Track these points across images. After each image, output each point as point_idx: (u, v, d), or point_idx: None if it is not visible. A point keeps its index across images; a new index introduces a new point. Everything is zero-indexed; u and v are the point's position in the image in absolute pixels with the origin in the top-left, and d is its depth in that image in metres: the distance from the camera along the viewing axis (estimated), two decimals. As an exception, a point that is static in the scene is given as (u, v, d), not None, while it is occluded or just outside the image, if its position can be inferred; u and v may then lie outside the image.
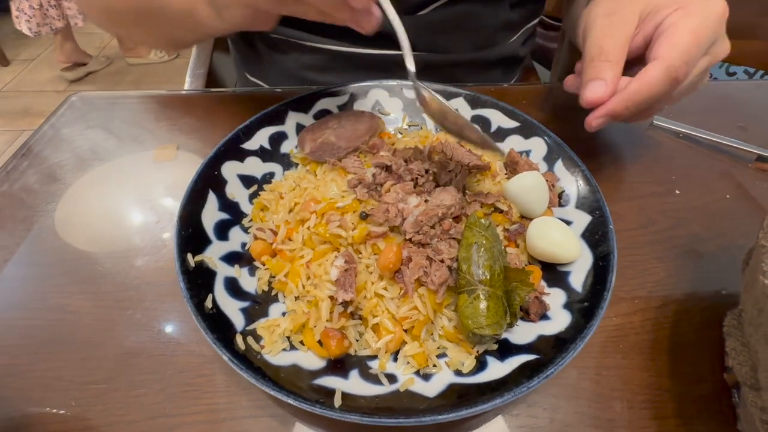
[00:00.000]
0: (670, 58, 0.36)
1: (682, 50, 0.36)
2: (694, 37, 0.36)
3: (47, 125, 0.58)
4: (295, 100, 0.50)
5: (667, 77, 0.36)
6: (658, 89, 0.36)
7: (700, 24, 0.36)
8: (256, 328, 0.34)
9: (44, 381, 0.35)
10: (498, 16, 0.64)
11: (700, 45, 0.36)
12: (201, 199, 0.40)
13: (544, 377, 0.28)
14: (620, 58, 0.38)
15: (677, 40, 0.36)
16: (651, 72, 0.36)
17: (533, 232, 0.37)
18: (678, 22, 0.37)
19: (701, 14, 0.37)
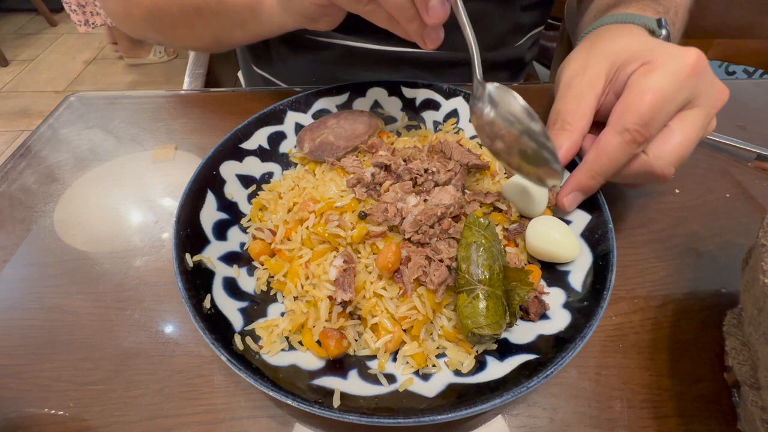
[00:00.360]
0: (623, 122, 0.34)
1: (636, 112, 0.33)
2: (651, 96, 0.33)
3: (45, 125, 0.58)
4: (294, 99, 0.50)
5: (622, 141, 0.34)
6: (617, 154, 0.35)
7: (662, 80, 0.34)
8: (254, 329, 0.33)
9: (42, 381, 0.35)
10: (508, 18, 0.65)
11: (660, 104, 0.33)
12: (199, 199, 0.40)
13: (544, 377, 0.28)
14: (576, 124, 0.37)
15: (631, 102, 0.34)
16: (604, 138, 0.35)
17: (532, 232, 0.37)
18: (638, 81, 0.35)
19: (667, 68, 0.34)
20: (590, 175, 0.36)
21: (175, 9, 0.52)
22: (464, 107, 0.51)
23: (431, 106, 0.52)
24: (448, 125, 0.51)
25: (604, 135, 0.35)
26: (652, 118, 0.33)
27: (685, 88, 0.34)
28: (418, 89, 0.52)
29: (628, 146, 0.34)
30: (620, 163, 0.35)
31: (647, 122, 0.33)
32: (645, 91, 0.34)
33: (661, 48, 0.36)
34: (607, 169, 0.36)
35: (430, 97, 0.52)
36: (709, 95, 0.35)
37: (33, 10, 2.83)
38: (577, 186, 0.37)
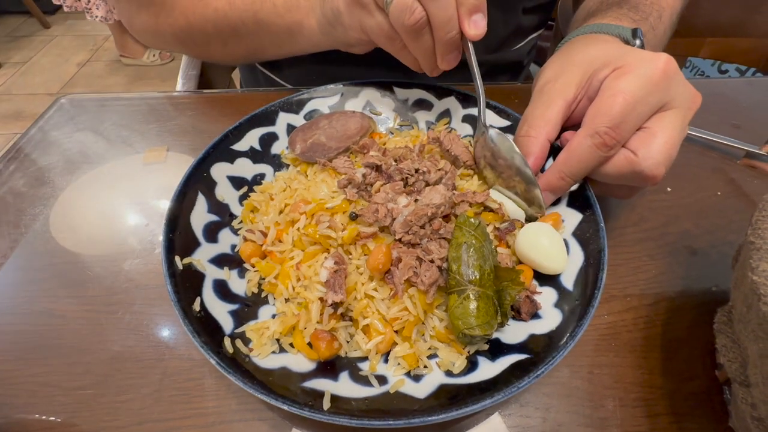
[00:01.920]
0: (593, 125, 0.34)
1: (607, 115, 0.34)
2: (622, 98, 0.33)
3: (35, 128, 0.57)
4: (286, 100, 0.50)
5: (593, 144, 0.34)
6: (587, 157, 0.35)
7: (633, 83, 0.34)
8: (245, 331, 0.33)
9: (31, 387, 0.34)
10: (510, 21, 0.66)
11: (630, 107, 0.33)
12: (190, 201, 0.40)
13: (535, 377, 0.28)
14: (542, 131, 0.38)
15: (602, 104, 0.34)
16: (575, 140, 0.35)
17: (522, 237, 0.37)
18: (609, 85, 0.35)
19: (637, 72, 0.34)
20: (559, 176, 0.37)
21: (210, 28, 0.54)
22: (456, 107, 0.51)
23: (424, 106, 0.52)
24: (441, 125, 0.51)
25: (575, 137, 0.36)
26: (623, 121, 0.34)
27: (657, 91, 0.34)
28: (411, 89, 0.52)
29: (598, 149, 0.34)
30: (590, 165, 0.36)
31: (617, 125, 0.34)
32: (616, 94, 0.34)
33: (632, 54, 0.37)
34: (576, 171, 0.36)
35: (422, 97, 0.52)
36: (684, 98, 0.36)
37: (26, 13, 2.82)
38: (547, 186, 0.38)
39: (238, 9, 0.51)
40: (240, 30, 0.53)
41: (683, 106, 0.35)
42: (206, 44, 0.57)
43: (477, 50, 0.74)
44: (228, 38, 0.54)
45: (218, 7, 0.52)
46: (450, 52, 0.40)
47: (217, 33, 0.54)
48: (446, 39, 0.38)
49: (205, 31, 0.54)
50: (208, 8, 0.52)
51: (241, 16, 0.51)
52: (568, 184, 0.37)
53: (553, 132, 0.38)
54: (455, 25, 0.37)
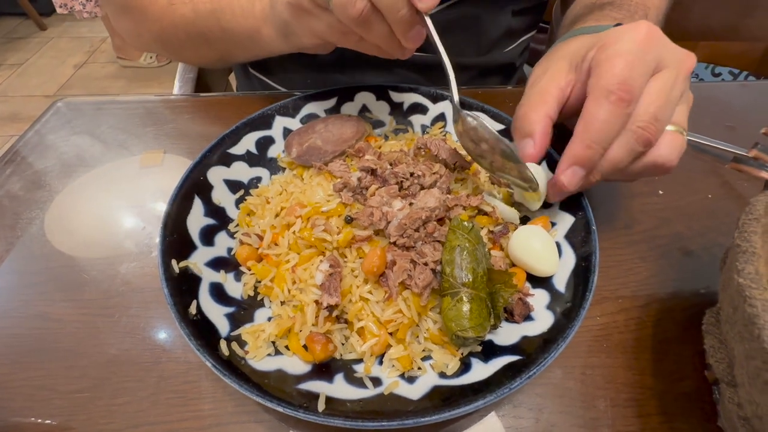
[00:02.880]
0: (602, 86, 0.33)
1: (612, 74, 0.33)
2: (621, 59, 0.33)
3: (32, 131, 0.57)
4: (283, 104, 0.50)
5: (609, 103, 0.33)
6: (608, 118, 0.33)
7: (622, 47, 0.34)
8: (241, 334, 0.34)
9: (27, 390, 0.34)
10: (500, 22, 0.66)
11: (632, 64, 0.33)
12: (186, 204, 0.40)
13: (527, 378, 0.28)
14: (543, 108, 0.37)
15: (604, 69, 0.34)
16: (589, 106, 0.34)
17: (515, 240, 0.37)
18: (600, 56, 0.35)
19: (621, 41, 0.34)
20: (585, 145, 0.34)
21: (181, 34, 0.54)
22: (451, 111, 0.52)
23: (419, 110, 0.53)
24: (436, 129, 0.52)
25: (587, 104, 0.34)
26: (629, 76, 0.33)
27: (648, 51, 0.34)
28: (406, 93, 0.53)
29: (616, 106, 0.33)
30: (613, 128, 0.34)
31: (626, 80, 0.33)
32: (611, 57, 0.34)
33: (611, 31, 0.37)
34: (601, 135, 0.34)
35: (417, 101, 0.53)
36: (676, 58, 0.35)
37: (22, 14, 2.81)
38: (573, 158, 0.35)
39: (203, 16, 0.51)
40: (208, 36, 0.53)
41: (675, 65, 0.35)
42: (181, 49, 0.58)
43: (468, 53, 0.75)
44: (199, 44, 0.55)
45: (185, 13, 0.52)
46: (408, 30, 0.37)
47: (188, 38, 0.54)
48: (398, 19, 0.36)
49: (177, 37, 0.55)
50: (176, 15, 0.53)
51: (206, 22, 0.52)
52: (596, 152, 0.34)
53: (552, 110, 0.37)
54: (403, 2, 0.35)
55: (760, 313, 0.24)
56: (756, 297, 0.25)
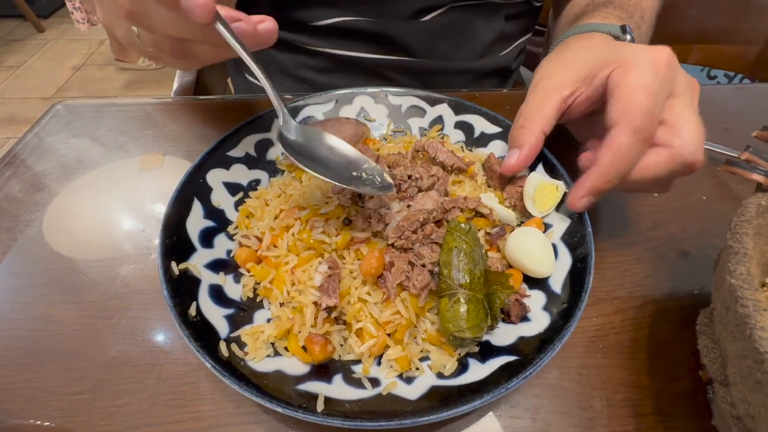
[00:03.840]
0: (632, 120, 0.34)
1: (639, 110, 0.34)
2: (645, 93, 0.34)
3: (31, 134, 0.58)
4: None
5: (635, 141, 0.34)
6: (631, 155, 0.35)
7: (645, 77, 0.35)
8: (240, 335, 0.34)
9: (26, 392, 0.35)
10: (494, 27, 0.67)
11: (655, 99, 0.34)
12: (186, 207, 0.40)
13: (523, 378, 0.29)
14: (537, 124, 0.39)
15: (628, 102, 0.34)
16: (616, 140, 0.34)
17: (512, 241, 0.37)
18: (621, 82, 0.35)
19: (641, 67, 0.35)
20: (606, 180, 0.35)
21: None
22: (449, 114, 0.52)
23: (416, 112, 0.53)
24: (433, 131, 0.52)
25: (615, 138, 0.35)
26: (652, 114, 0.34)
27: (667, 81, 0.35)
28: (404, 96, 0.53)
29: (641, 145, 0.34)
30: (633, 163, 0.35)
31: (653, 117, 0.34)
32: (635, 90, 0.34)
33: (629, 48, 0.38)
34: (622, 171, 0.35)
35: (415, 104, 0.53)
36: (685, 85, 0.37)
37: (20, 16, 2.81)
38: (592, 190, 0.36)
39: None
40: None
41: (687, 92, 0.36)
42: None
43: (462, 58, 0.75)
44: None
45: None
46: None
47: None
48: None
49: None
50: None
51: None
52: (612, 186, 0.36)
53: (547, 125, 0.39)
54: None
55: (751, 313, 0.24)
56: (747, 297, 0.25)
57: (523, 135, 0.39)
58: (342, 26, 0.62)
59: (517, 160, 0.40)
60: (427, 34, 0.63)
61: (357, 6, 0.60)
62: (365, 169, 0.37)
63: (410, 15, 0.61)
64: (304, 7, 0.61)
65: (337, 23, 0.61)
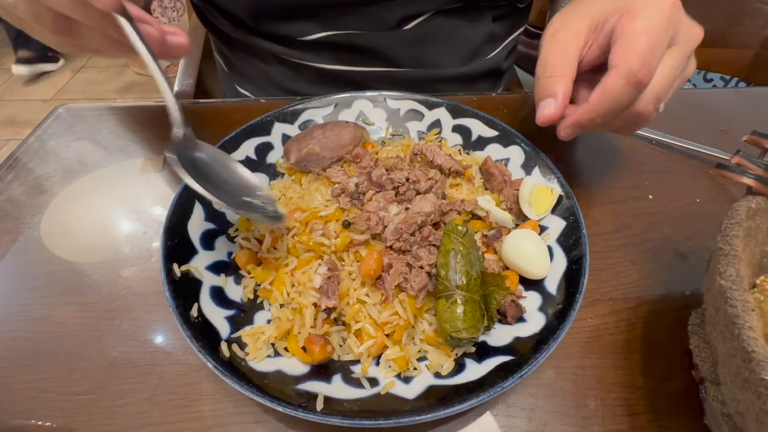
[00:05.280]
0: (627, 64, 0.35)
1: (637, 53, 0.34)
2: (646, 36, 0.35)
3: (33, 137, 0.58)
4: (281, 111, 0.51)
5: (627, 83, 0.35)
6: (620, 97, 0.36)
7: (649, 22, 0.35)
8: (241, 336, 0.34)
9: (29, 393, 0.35)
10: (480, 29, 0.66)
11: (655, 43, 0.35)
12: (187, 209, 0.41)
13: (519, 377, 0.29)
14: (566, 71, 0.39)
15: (629, 44, 0.35)
16: (609, 80, 0.36)
17: (508, 243, 0.38)
18: (626, 27, 0.36)
19: (648, 12, 0.35)
20: (591, 116, 0.37)
21: None
22: (446, 117, 0.53)
23: (415, 116, 0.54)
24: (431, 135, 0.53)
25: (609, 78, 0.36)
26: (651, 57, 0.35)
27: (670, 27, 0.35)
28: (402, 100, 0.54)
29: (633, 88, 0.35)
30: (622, 105, 0.36)
31: (647, 61, 0.34)
32: (639, 33, 0.35)
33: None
34: (609, 111, 0.36)
35: (413, 107, 0.54)
36: (687, 33, 0.37)
37: (20, 19, 2.81)
38: (576, 123, 0.38)
39: None
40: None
41: (684, 42, 0.37)
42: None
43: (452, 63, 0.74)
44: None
45: None
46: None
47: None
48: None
49: None
50: None
51: None
52: (596, 123, 0.38)
53: (572, 74, 0.39)
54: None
55: (740, 313, 0.25)
56: (737, 298, 0.26)
57: (555, 84, 0.38)
58: (328, 41, 0.62)
59: (556, 109, 0.38)
60: (412, 43, 0.63)
61: (339, 18, 0.60)
62: (259, 196, 0.36)
63: (394, 24, 0.61)
64: (286, 21, 0.61)
65: (322, 38, 0.62)
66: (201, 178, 0.32)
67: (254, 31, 0.64)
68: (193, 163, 0.34)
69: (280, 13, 0.60)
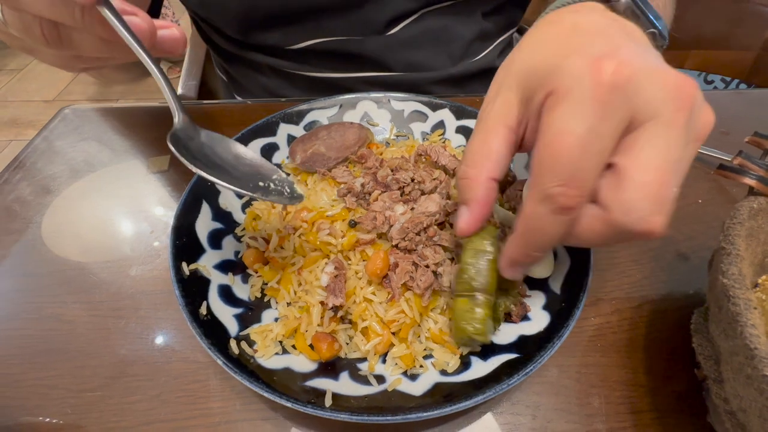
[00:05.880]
0: (541, 187, 0.24)
1: (553, 169, 0.24)
2: (566, 141, 0.23)
3: (40, 138, 0.59)
4: (287, 112, 0.52)
5: (549, 211, 0.25)
6: (549, 227, 0.26)
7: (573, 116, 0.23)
8: (249, 334, 0.35)
9: (40, 390, 0.35)
10: (470, 27, 0.65)
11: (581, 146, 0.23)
12: (195, 209, 0.41)
13: (524, 374, 0.30)
14: (485, 167, 0.28)
15: (544, 155, 0.24)
16: (528, 209, 0.26)
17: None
18: (546, 124, 0.25)
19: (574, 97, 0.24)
20: (524, 252, 0.28)
21: None
22: (450, 118, 0.54)
23: (419, 117, 0.55)
24: (435, 136, 0.53)
25: (526, 204, 0.26)
26: (577, 169, 0.23)
27: (609, 111, 0.23)
28: (406, 102, 0.55)
29: (558, 215, 0.25)
30: (556, 234, 0.26)
31: (571, 177, 0.24)
32: (557, 136, 0.24)
33: (570, 61, 0.25)
34: (542, 243, 0.27)
35: (417, 108, 0.54)
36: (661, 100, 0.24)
37: (22, 20, 2.82)
38: (513, 263, 0.30)
39: None
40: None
41: (664, 110, 0.23)
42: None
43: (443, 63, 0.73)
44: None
45: None
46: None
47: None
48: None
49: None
50: None
51: None
52: (536, 258, 0.28)
53: (496, 168, 0.29)
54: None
55: (742, 311, 0.26)
56: (739, 296, 0.26)
57: (467, 188, 0.29)
58: (316, 48, 0.62)
59: (466, 222, 0.30)
60: (401, 46, 0.63)
61: (325, 24, 0.60)
62: (274, 179, 0.34)
63: (382, 27, 0.61)
64: (272, 31, 0.61)
65: (310, 46, 0.62)
66: (209, 166, 0.32)
67: (244, 44, 0.65)
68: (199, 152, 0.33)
69: (266, 23, 0.60)
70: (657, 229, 0.25)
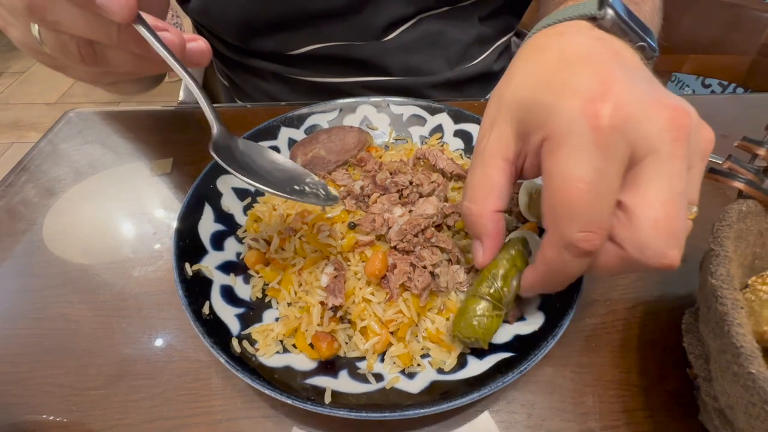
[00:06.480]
0: (563, 234, 0.25)
1: (574, 217, 0.24)
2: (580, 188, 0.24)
3: (44, 141, 0.60)
4: (288, 116, 0.53)
5: (573, 256, 0.26)
6: (572, 267, 0.27)
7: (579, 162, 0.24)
8: (251, 333, 0.36)
9: (44, 388, 0.36)
10: (467, 32, 0.66)
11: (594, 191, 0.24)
12: (197, 211, 0.42)
13: (518, 372, 0.30)
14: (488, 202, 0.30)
15: (559, 202, 0.25)
16: (549, 254, 0.27)
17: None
18: (552, 171, 0.25)
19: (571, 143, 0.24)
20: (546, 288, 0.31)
21: None
22: (448, 123, 0.55)
23: (417, 121, 0.56)
24: (433, 139, 0.54)
25: (547, 249, 0.27)
26: (593, 213, 0.24)
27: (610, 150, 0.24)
28: (405, 106, 0.56)
29: (581, 258, 0.26)
30: (578, 273, 0.28)
31: (589, 222, 0.24)
32: (566, 182, 0.24)
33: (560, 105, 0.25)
34: (565, 281, 0.29)
35: (416, 113, 0.55)
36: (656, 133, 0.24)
37: (25, 23, 2.84)
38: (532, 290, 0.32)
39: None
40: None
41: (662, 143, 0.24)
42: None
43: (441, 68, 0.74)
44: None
45: None
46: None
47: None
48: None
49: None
50: None
51: None
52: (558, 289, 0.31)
53: (499, 201, 0.30)
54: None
55: (729, 311, 0.26)
56: (726, 296, 0.27)
57: (475, 224, 0.31)
58: (316, 54, 0.63)
59: (483, 257, 0.32)
60: (400, 50, 0.64)
61: (324, 29, 0.61)
62: (308, 183, 0.36)
63: (380, 32, 0.62)
64: (271, 36, 0.62)
65: (310, 51, 0.63)
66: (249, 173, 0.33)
67: (245, 51, 0.66)
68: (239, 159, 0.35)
69: (265, 30, 0.61)
70: (673, 262, 0.26)
